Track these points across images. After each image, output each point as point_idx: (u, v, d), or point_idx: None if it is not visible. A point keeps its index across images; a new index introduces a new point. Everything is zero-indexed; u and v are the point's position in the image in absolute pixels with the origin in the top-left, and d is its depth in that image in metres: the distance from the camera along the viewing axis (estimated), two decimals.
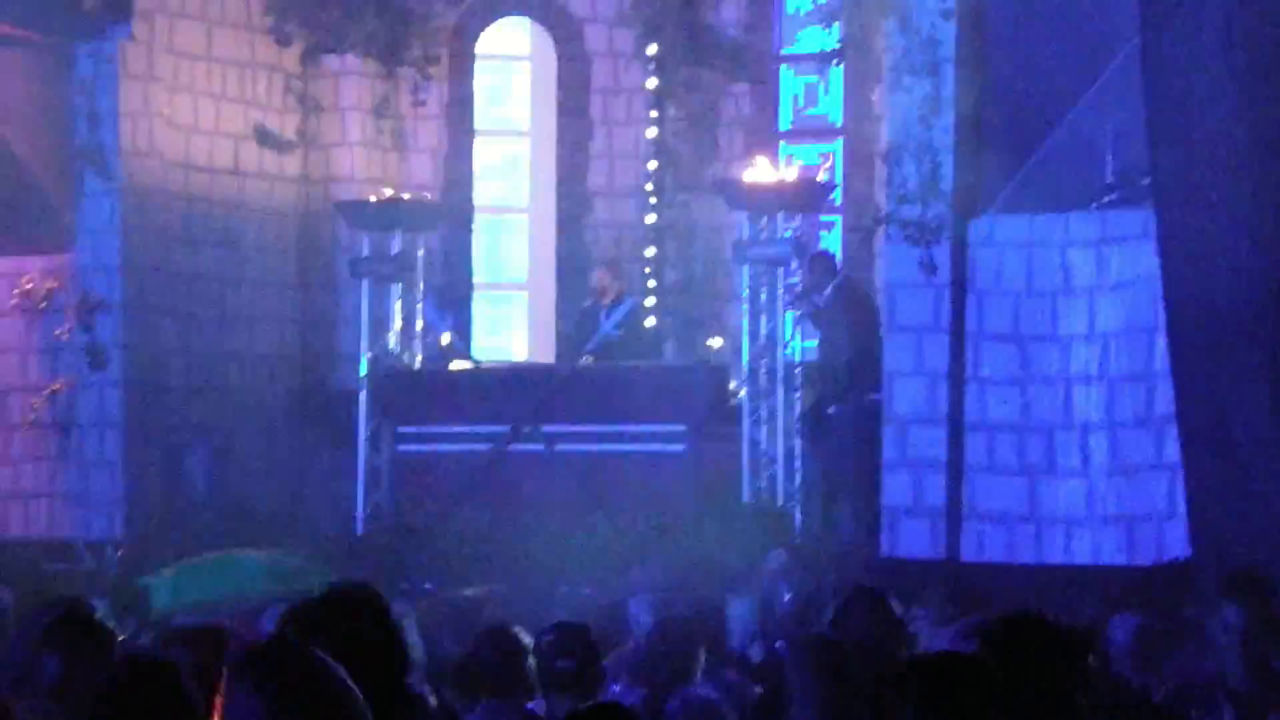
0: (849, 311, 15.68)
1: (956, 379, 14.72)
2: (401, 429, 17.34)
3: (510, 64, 20.13)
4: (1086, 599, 11.67)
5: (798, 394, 16.19)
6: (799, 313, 16.20)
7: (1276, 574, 9.46)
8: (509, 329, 19.99)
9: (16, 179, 17.92)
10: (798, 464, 16.03)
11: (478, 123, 19.94)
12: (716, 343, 18.51)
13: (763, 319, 16.33)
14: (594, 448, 16.48)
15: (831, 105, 19.22)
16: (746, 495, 15.96)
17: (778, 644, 7.97)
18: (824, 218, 18.41)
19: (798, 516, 15.91)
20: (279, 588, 12.49)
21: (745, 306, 16.51)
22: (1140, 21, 9.93)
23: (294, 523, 17.85)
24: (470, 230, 19.83)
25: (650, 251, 19.49)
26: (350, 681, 4.31)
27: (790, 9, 19.21)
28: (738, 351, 16.88)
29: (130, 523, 17.23)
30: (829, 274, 16.14)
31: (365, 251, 17.78)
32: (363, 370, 17.51)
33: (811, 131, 19.24)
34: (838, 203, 18.62)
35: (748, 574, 13.62)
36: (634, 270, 19.31)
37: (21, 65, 17.95)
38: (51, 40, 17.60)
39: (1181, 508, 10.60)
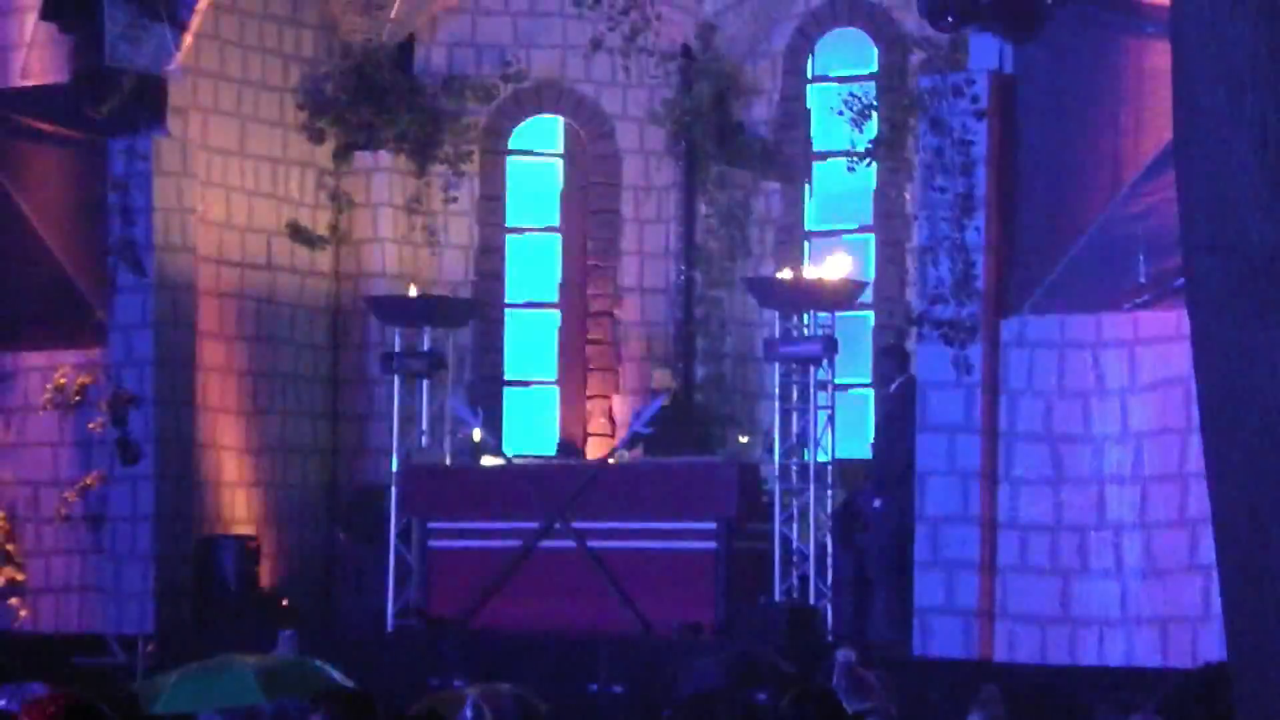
0: (909, 409, 15.59)
1: (989, 479, 14.77)
2: (432, 524, 17.42)
3: (542, 161, 20.33)
4: (1120, 701, 11.69)
5: (830, 491, 16.24)
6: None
7: None
8: (540, 425, 20.09)
9: (50, 274, 18.09)
10: (830, 561, 16.07)
11: (509, 219, 20.11)
12: (747, 439, 18.59)
13: (794, 416, 16.41)
14: (625, 544, 16.52)
15: (863, 204, 19.36)
16: (778, 593, 16.00)
17: None
18: (855, 314, 18.52)
19: (829, 614, 15.93)
20: (272, 693, 12.45)
21: (777, 404, 16.59)
22: (1173, 124, 10.01)
23: (325, 618, 17.92)
24: (501, 326, 19.97)
25: (681, 349, 19.61)
26: None
27: (822, 108, 19.37)
28: (769, 448, 16.94)
29: (162, 617, 17.31)
30: (899, 369, 16.18)
31: (397, 347, 17.91)
32: (394, 465, 17.61)
33: (843, 230, 19.37)
34: (869, 299, 18.73)
35: (778, 672, 13.65)
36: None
37: (56, 161, 18.15)
38: (86, 136, 17.79)
39: (1216, 610, 10.61)
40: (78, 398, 17.85)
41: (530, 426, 20.05)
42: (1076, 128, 14.96)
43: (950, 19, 15.22)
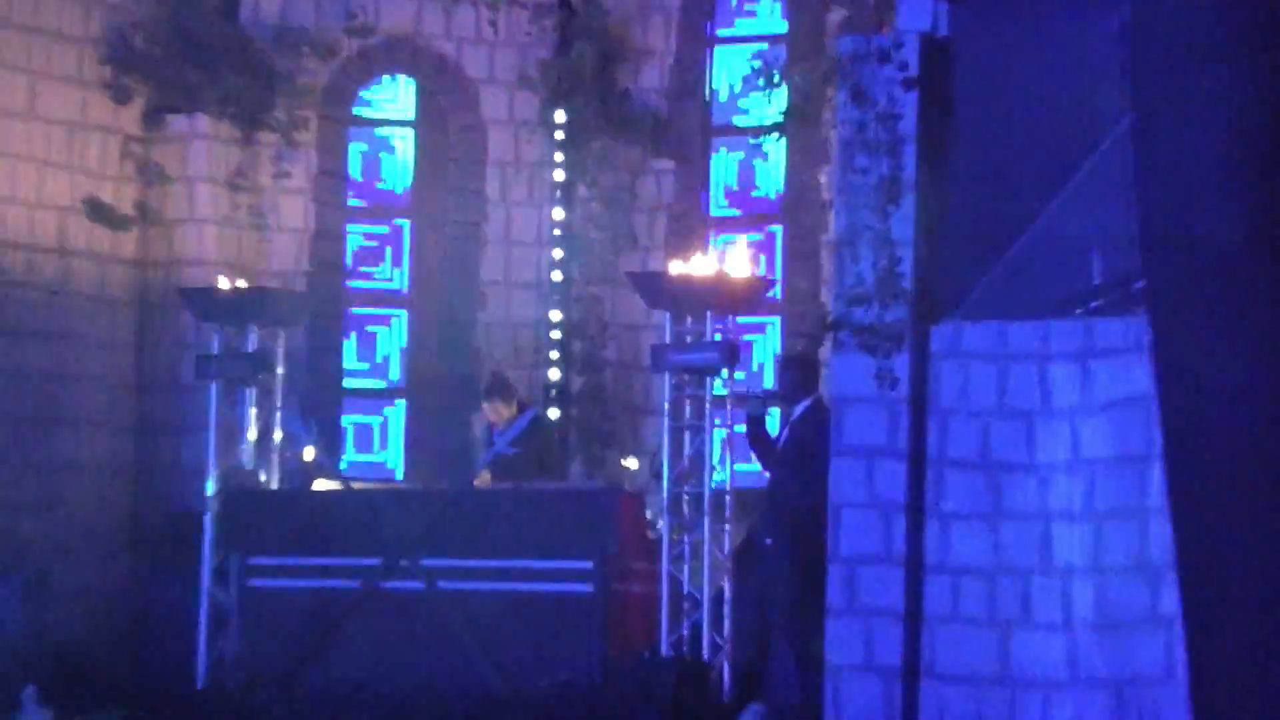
0: (821, 436, 15.55)
1: (915, 513, 14.91)
2: (254, 560, 17.41)
3: (392, 131, 20.36)
4: None
5: (727, 526, 16.32)
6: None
7: None
8: (385, 443, 20.13)
9: None
10: (727, 609, 16.15)
11: (352, 199, 20.13)
12: (632, 463, 18.68)
13: (687, 436, 16.48)
14: (484, 586, 16.58)
15: (770, 187, 19.50)
16: (665, 647, 16.09)
17: None
18: (760, 318, 18.65)
19: (726, 673, 16.02)
20: None
21: (666, 422, 16.66)
22: (1131, 105, 10.19)
23: (124, 671, 17.86)
24: (341, 326, 19.98)
25: (554, 354, 19.69)
26: None
27: (723, 75, 19.50)
28: (657, 474, 17.03)
29: None
30: (807, 386, 16.18)
31: (215, 349, 17.89)
32: (209, 489, 17.59)
33: (747, 218, 19.51)
34: (776, 299, 18.87)
35: None
36: (534, 377, 19.49)
37: None
38: None
39: (1180, 670, 10.81)
40: None
41: (374, 444, 20.08)
42: (1021, 102, 15.12)
43: None
